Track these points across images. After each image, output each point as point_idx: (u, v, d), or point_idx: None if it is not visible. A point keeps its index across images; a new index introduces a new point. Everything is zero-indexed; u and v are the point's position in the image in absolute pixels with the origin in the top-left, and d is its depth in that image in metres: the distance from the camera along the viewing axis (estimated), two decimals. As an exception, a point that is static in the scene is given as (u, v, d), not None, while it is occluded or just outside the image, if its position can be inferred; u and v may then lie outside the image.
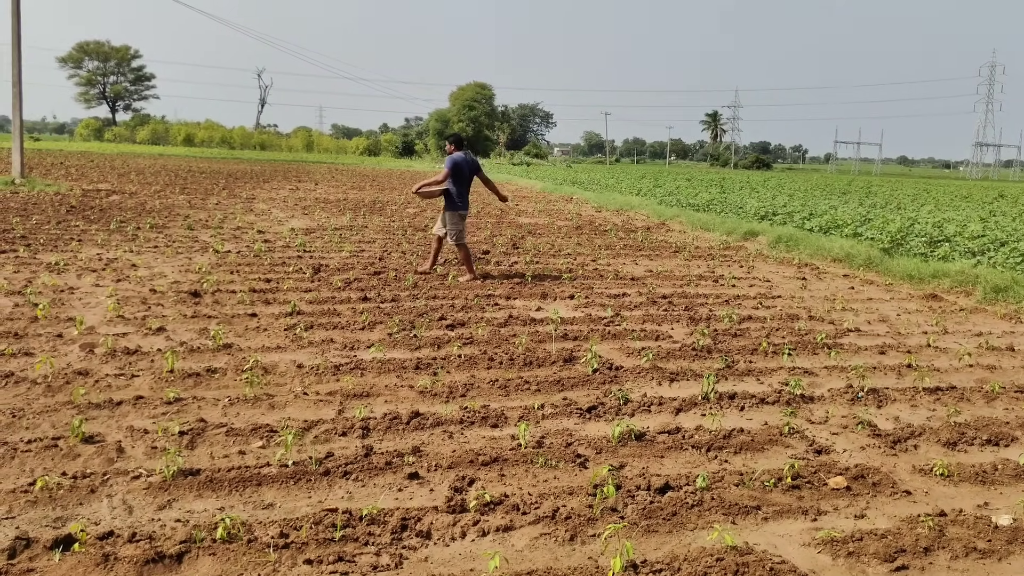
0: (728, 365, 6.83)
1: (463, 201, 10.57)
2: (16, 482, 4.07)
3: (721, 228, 17.95)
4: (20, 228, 13.40)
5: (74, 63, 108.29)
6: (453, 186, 10.41)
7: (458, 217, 10.51)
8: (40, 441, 4.57)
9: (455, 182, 10.41)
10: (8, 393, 5.37)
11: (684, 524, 3.92)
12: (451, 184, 10.40)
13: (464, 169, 10.50)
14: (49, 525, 3.68)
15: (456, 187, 10.43)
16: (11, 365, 5.96)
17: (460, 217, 10.54)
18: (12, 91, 22.43)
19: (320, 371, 6.15)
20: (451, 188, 10.42)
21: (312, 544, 3.57)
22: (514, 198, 28.09)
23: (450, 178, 10.38)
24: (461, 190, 10.49)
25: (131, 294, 8.66)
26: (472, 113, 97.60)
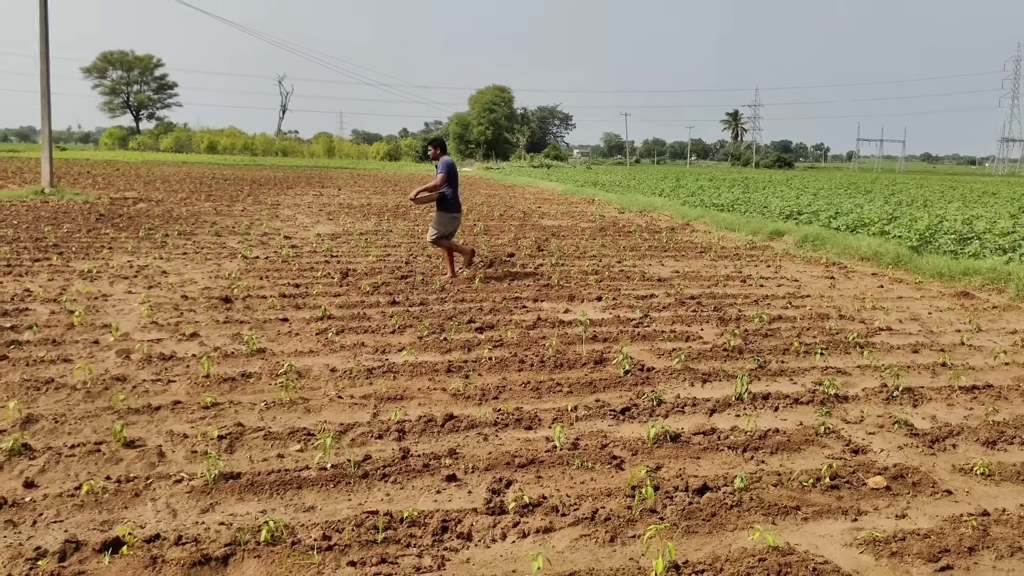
0: (760, 365, 6.80)
1: (456, 202, 10.73)
2: (62, 486, 4.14)
3: (746, 228, 17.86)
4: (52, 236, 13.60)
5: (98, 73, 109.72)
6: (448, 188, 10.60)
7: (451, 219, 10.67)
8: (83, 446, 4.64)
9: (449, 184, 10.60)
10: (50, 399, 5.45)
11: (724, 525, 3.91)
12: (446, 187, 10.58)
13: (455, 171, 10.71)
14: (96, 528, 3.74)
15: (450, 189, 10.61)
16: (51, 371, 6.06)
17: (453, 219, 10.70)
18: (40, 102, 22.75)
19: (353, 375, 6.19)
20: (446, 191, 10.61)
21: (355, 546, 3.60)
22: (536, 200, 28.12)
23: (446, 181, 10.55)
24: (454, 192, 10.67)
25: (163, 300, 8.76)
26: (492, 116, 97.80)
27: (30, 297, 8.65)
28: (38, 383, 5.71)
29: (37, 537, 3.64)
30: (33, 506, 3.91)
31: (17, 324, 7.41)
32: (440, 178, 10.44)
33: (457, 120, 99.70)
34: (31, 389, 5.60)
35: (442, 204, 10.62)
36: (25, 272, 10.21)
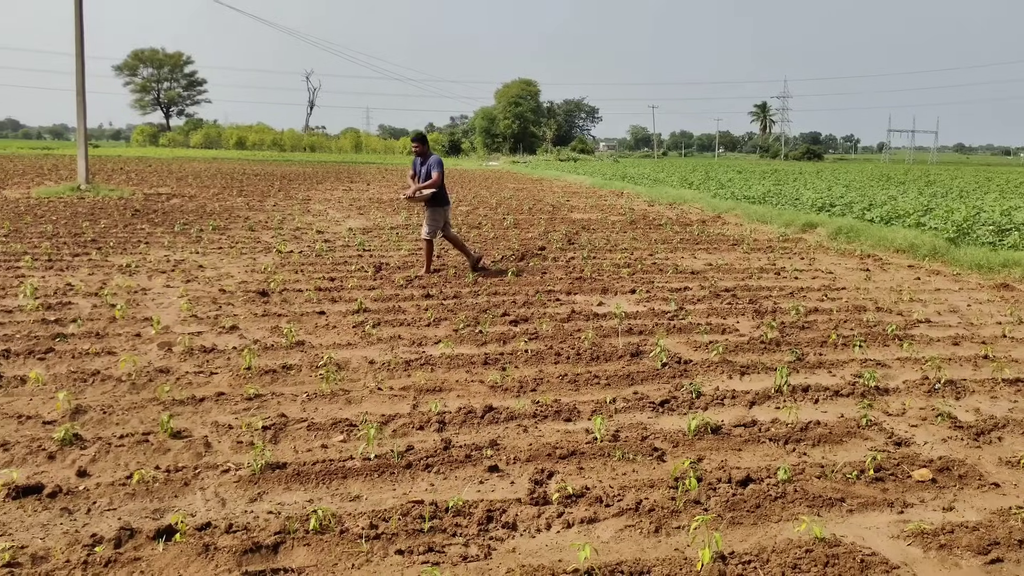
0: (798, 358, 6.76)
1: (445, 196, 10.70)
2: (114, 475, 4.22)
3: (778, 220, 17.72)
4: (90, 232, 13.81)
5: (129, 71, 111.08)
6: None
7: (442, 212, 10.60)
8: (132, 436, 4.72)
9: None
10: (97, 391, 5.56)
11: (769, 516, 3.90)
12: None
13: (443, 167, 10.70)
14: (149, 516, 3.81)
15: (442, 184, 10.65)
16: (96, 364, 6.17)
17: (443, 212, 10.63)
18: (76, 100, 23.07)
19: (391, 367, 6.24)
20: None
21: (402, 535, 3.64)
22: (564, 194, 28.08)
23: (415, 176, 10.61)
24: (444, 185, 10.67)
25: (201, 294, 8.88)
26: (518, 110, 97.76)
27: (72, 291, 8.80)
28: (85, 375, 5.82)
29: (92, 524, 3.72)
30: (87, 494, 3.99)
31: (61, 317, 7.55)
32: (436, 176, 10.40)
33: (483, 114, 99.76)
34: (78, 381, 5.71)
35: (436, 200, 10.53)
36: (66, 267, 10.39)
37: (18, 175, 30.19)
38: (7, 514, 3.78)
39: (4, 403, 5.26)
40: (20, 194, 21.61)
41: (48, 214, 16.57)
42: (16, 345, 6.55)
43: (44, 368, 6.00)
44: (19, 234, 13.33)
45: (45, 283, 9.21)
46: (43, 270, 10.11)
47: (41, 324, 7.28)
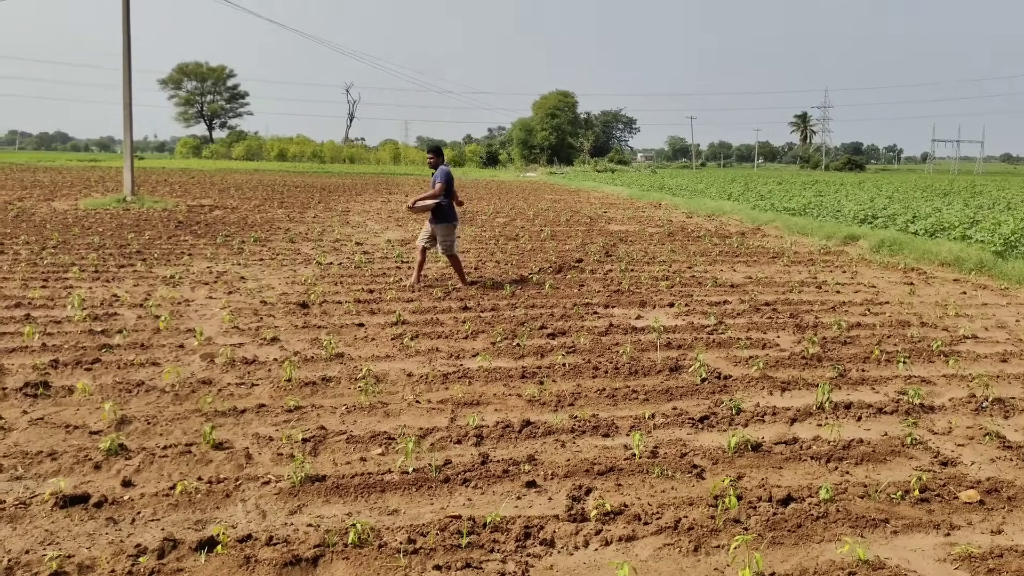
0: (840, 374, 6.66)
1: (452, 211, 10.54)
2: (157, 486, 4.29)
3: (819, 232, 17.50)
4: (135, 243, 14.09)
5: (174, 84, 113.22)
6: (444, 198, 10.40)
7: (450, 228, 10.46)
8: (175, 447, 4.80)
9: (446, 194, 10.40)
10: (141, 401, 5.66)
11: (810, 536, 3.84)
12: (442, 196, 10.36)
13: (452, 179, 10.51)
14: (191, 527, 3.87)
15: (446, 199, 10.42)
16: (141, 374, 6.28)
17: (451, 228, 10.48)
18: (123, 113, 23.59)
19: (429, 379, 6.27)
20: (442, 201, 10.38)
21: (439, 550, 3.65)
22: (602, 205, 28.03)
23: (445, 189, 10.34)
24: (450, 201, 10.52)
25: (243, 306, 9.01)
26: (555, 121, 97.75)
27: (118, 302, 8.98)
28: (130, 385, 5.93)
29: (136, 534, 3.78)
30: (131, 504, 4.06)
31: (108, 328, 7.71)
32: (439, 187, 10.26)
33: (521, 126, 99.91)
34: (124, 391, 5.82)
35: (438, 215, 10.36)
36: (112, 278, 10.61)
37: (67, 187, 30.92)
38: (55, 523, 3.86)
39: (53, 413, 5.38)
40: (68, 206, 22.13)
41: (95, 225, 16.94)
42: (64, 355, 6.69)
43: (91, 378, 6.13)
44: (67, 245, 13.64)
45: (92, 294, 9.42)
46: (90, 281, 10.33)
47: (88, 335, 7.44)
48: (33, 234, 15.04)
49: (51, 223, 17.15)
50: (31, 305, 8.68)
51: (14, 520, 3.88)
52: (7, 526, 3.82)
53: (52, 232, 15.36)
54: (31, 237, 14.55)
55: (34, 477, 4.38)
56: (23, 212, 19.54)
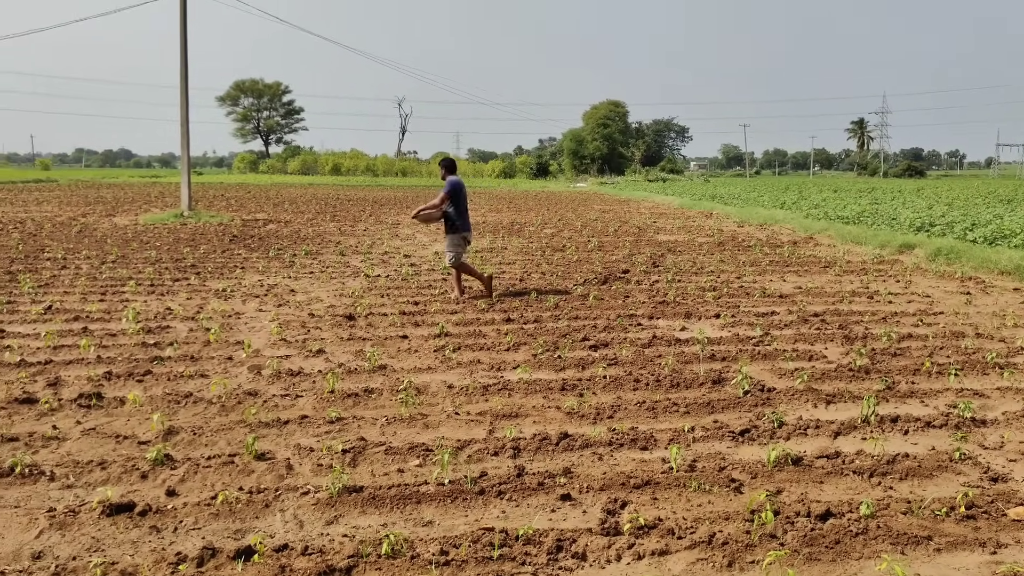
0: (888, 386, 6.51)
1: (463, 222, 10.67)
2: (200, 495, 4.40)
3: (873, 241, 17.14)
4: (190, 257, 14.47)
5: (231, 101, 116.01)
6: (452, 208, 10.57)
7: (460, 239, 10.63)
8: (218, 457, 4.92)
9: (454, 204, 10.58)
10: (188, 412, 5.81)
11: (849, 553, 3.76)
12: (450, 207, 10.56)
13: (463, 192, 10.68)
14: (231, 536, 3.96)
15: (456, 209, 10.59)
16: (189, 386, 6.45)
17: (462, 239, 10.65)
18: (180, 131, 24.28)
19: (469, 391, 6.31)
20: (450, 211, 10.58)
21: (471, 562, 3.67)
22: (651, 215, 27.86)
23: (449, 201, 10.56)
24: (459, 212, 10.63)
25: (291, 318, 9.18)
26: (606, 131, 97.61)
27: (171, 315, 9.23)
28: (178, 397, 6.10)
29: (178, 542, 3.88)
30: (174, 513, 4.17)
31: (160, 341, 7.92)
32: (441, 197, 10.53)
33: (571, 136, 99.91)
34: (172, 403, 5.98)
35: (449, 226, 10.63)
36: (166, 292, 10.90)
37: (128, 203, 31.88)
38: (101, 530, 3.99)
39: (104, 423, 5.55)
40: (128, 221, 22.81)
41: (153, 240, 17.43)
42: (117, 368, 6.90)
43: (142, 390, 6.31)
44: (125, 260, 14.06)
45: (147, 307, 9.69)
46: (145, 295, 10.63)
47: (141, 347, 7.66)
48: (94, 249, 15.54)
49: (111, 238, 17.69)
50: (88, 318, 8.97)
51: (63, 527, 4.01)
52: (56, 533, 3.96)
53: (112, 247, 15.85)
54: (92, 252, 15.04)
55: (84, 486, 4.53)
56: (86, 228, 20.20)
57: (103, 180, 64.75)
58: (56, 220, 22.50)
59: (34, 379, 6.54)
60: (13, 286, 11.09)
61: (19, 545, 3.84)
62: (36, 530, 3.99)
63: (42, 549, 3.80)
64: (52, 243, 16.48)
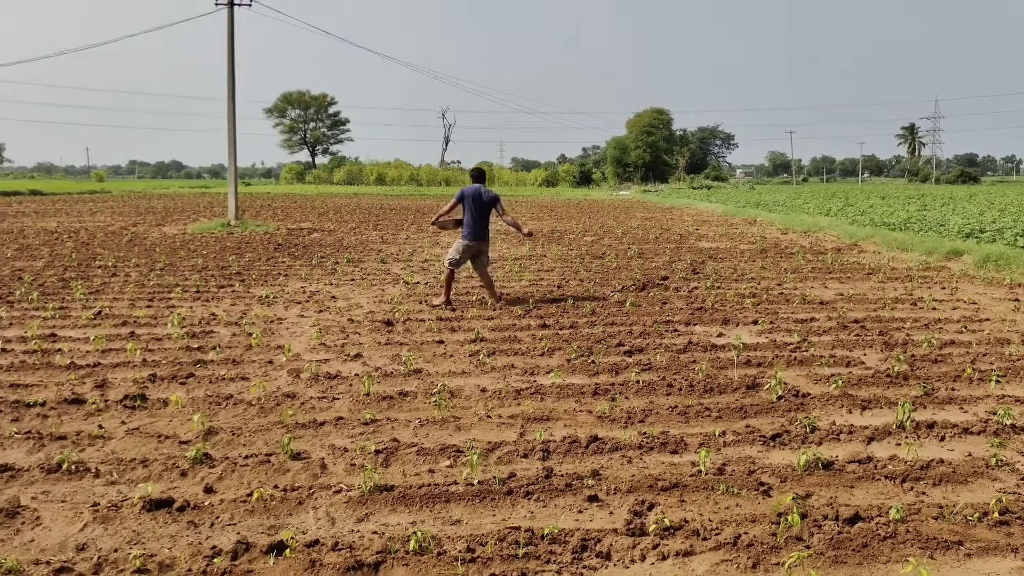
0: (927, 392, 6.42)
1: (469, 231, 10.71)
2: (236, 492, 4.53)
3: (920, 248, 16.85)
4: (235, 265, 14.79)
5: (279, 113, 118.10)
6: (464, 216, 10.75)
7: (463, 246, 10.71)
8: (255, 457, 5.05)
9: (464, 212, 10.71)
10: (228, 413, 5.97)
11: (876, 556, 3.74)
12: (465, 215, 10.71)
13: (470, 199, 10.70)
14: (264, 532, 4.07)
15: (465, 217, 10.73)
16: (230, 388, 6.62)
17: (465, 247, 10.70)
18: (228, 142, 24.84)
19: (502, 395, 6.38)
20: (463, 218, 10.77)
21: (496, 560, 3.73)
22: (694, 223, 27.69)
23: (460, 207, 10.74)
24: (469, 219, 10.71)
25: (331, 324, 9.35)
26: (650, 139, 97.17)
27: (215, 320, 9.46)
28: (219, 399, 6.26)
29: (214, 537, 4.01)
30: (211, 509, 4.30)
31: (203, 345, 8.13)
32: (450, 204, 10.79)
33: (615, 144, 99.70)
34: (213, 404, 6.15)
35: (462, 231, 10.81)
36: (211, 298, 11.18)
37: (177, 212, 32.65)
38: (141, 524, 4.13)
39: (148, 423, 5.74)
40: (177, 230, 23.36)
41: (200, 248, 17.85)
42: (162, 370, 7.11)
43: (184, 392, 6.49)
44: (173, 268, 14.43)
45: (192, 313, 9.95)
46: (191, 301, 10.91)
47: (185, 351, 7.87)
48: (143, 257, 15.97)
49: (160, 247, 18.15)
50: (136, 323, 9.24)
51: (106, 521, 4.17)
52: (99, 526, 4.12)
53: (160, 255, 16.26)
54: (141, 260, 15.45)
55: (127, 482, 4.69)
56: (136, 237, 20.75)
57: (154, 191, 66.34)
58: (108, 229, 23.15)
59: (83, 381, 6.77)
60: (66, 292, 11.46)
61: (65, 537, 4.01)
62: (81, 523, 4.15)
63: (86, 541, 3.96)
64: (104, 252, 16.97)
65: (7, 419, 5.77)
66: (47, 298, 10.95)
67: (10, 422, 5.71)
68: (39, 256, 16.09)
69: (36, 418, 5.81)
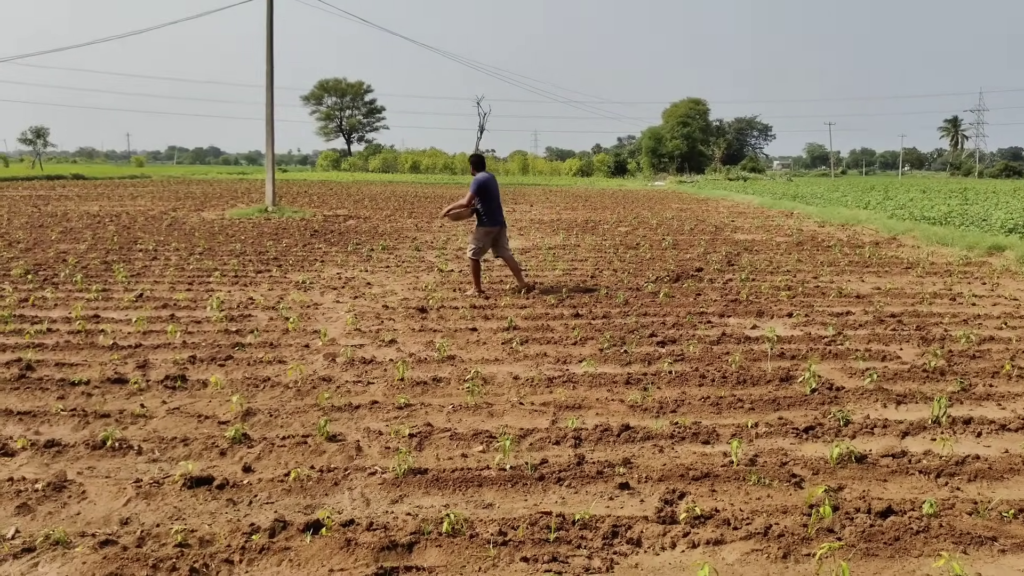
0: (964, 388, 6.35)
1: (490, 218, 10.76)
2: (274, 472, 4.64)
3: (961, 243, 16.57)
4: (273, 251, 14.98)
5: (315, 100, 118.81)
6: (481, 205, 10.69)
7: (483, 233, 10.75)
8: (292, 438, 5.15)
9: (482, 201, 10.68)
10: (266, 395, 6.08)
11: (908, 550, 3.73)
12: (479, 203, 10.67)
13: (490, 188, 10.74)
14: (301, 511, 4.17)
15: (484, 205, 10.70)
16: (268, 371, 6.74)
17: (486, 233, 10.76)
18: (265, 129, 25.10)
19: (535, 383, 6.42)
20: (480, 207, 10.70)
21: (528, 543, 3.78)
22: (729, 214, 27.46)
23: (477, 198, 10.65)
24: (488, 207, 10.72)
25: (366, 310, 9.46)
26: (686, 130, 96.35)
27: (253, 304, 9.62)
28: (257, 381, 6.39)
29: (252, 515, 4.11)
30: (249, 488, 4.41)
31: (241, 328, 8.28)
32: (468, 197, 10.68)
33: (650, 134, 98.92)
34: (251, 386, 6.27)
35: (478, 220, 10.81)
36: (249, 282, 11.35)
37: (216, 198, 33.10)
38: (183, 501, 4.25)
39: (187, 403, 5.87)
40: (216, 215, 23.69)
41: (238, 234, 18.10)
42: (201, 352, 7.26)
43: (223, 373, 6.62)
44: (212, 252, 14.66)
45: (230, 297, 10.12)
46: (229, 285, 11.09)
47: (224, 334, 8.02)
48: (183, 241, 16.24)
49: (199, 231, 18.44)
50: (176, 306, 9.43)
51: (148, 497, 4.29)
52: (142, 501, 4.24)
53: (199, 240, 16.52)
54: (181, 244, 15.72)
55: (168, 460, 4.82)
56: (176, 221, 21.09)
57: (193, 176, 67.27)
58: (148, 214, 23.55)
59: (125, 361, 6.94)
60: (108, 275, 11.71)
61: (109, 511, 4.13)
62: (124, 498, 4.27)
63: (129, 516, 4.08)
64: (144, 235, 17.28)
65: (53, 396, 5.95)
66: (90, 280, 11.21)
67: (56, 399, 5.88)
68: (82, 239, 16.44)
69: (81, 396, 5.97)
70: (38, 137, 78.15)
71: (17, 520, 4.03)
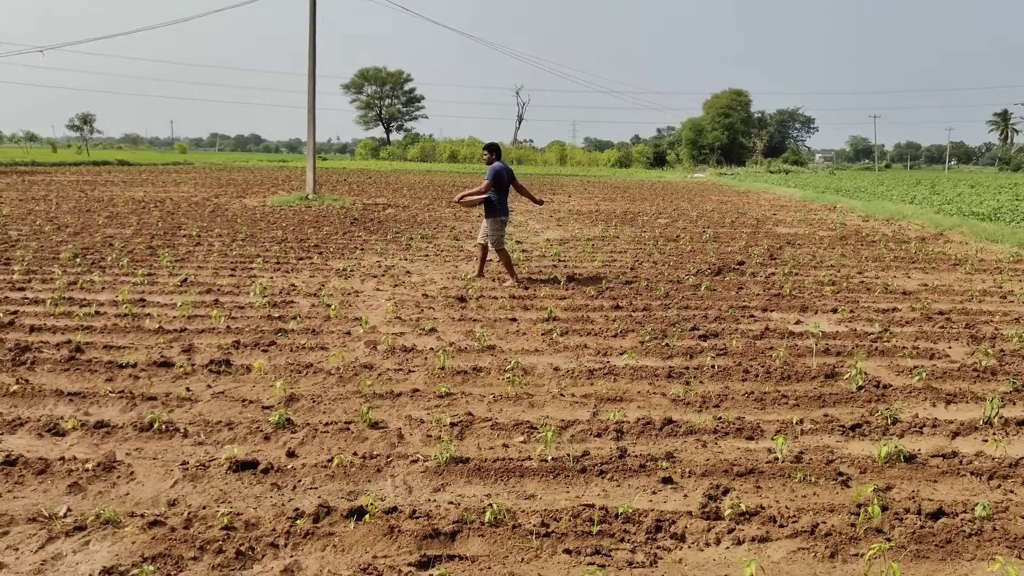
0: (1016, 388, 6.20)
1: (503, 208, 10.77)
2: (317, 458, 4.67)
3: (1011, 239, 16.17)
4: (314, 238, 15.11)
5: (355, 89, 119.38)
6: (495, 194, 10.66)
7: (499, 223, 10.75)
8: (335, 424, 5.19)
9: (496, 190, 10.66)
10: (308, 382, 6.13)
11: (960, 553, 3.65)
12: (492, 192, 10.63)
13: (504, 177, 10.74)
14: (344, 497, 4.19)
15: (497, 195, 10.69)
16: (310, 358, 6.79)
17: (501, 223, 10.77)
18: (307, 117, 25.28)
19: (575, 375, 6.39)
20: (492, 196, 10.67)
21: (571, 535, 3.77)
22: (771, 207, 27.11)
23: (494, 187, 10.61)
24: (501, 197, 10.74)
25: (406, 298, 9.49)
26: (727, 121, 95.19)
27: (295, 291, 9.71)
28: (300, 367, 6.44)
29: (296, 500, 4.15)
30: (293, 473, 4.44)
31: (284, 315, 8.36)
32: (487, 184, 10.61)
33: (691, 125, 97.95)
34: (294, 372, 6.32)
35: (489, 210, 10.75)
36: (291, 269, 11.46)
37: (257, 185, 33.47)
38: (228, 484, 4.30)
39: (232, 388, 5.94)
40: (257, 202, 23.95)
41: (279, 221, 18.27)
42: (245, 338, 7.34)
43: (266, 359, 6.69)
44: (254, 239, 14.82)
45: (273, 283, 10.22)
46: (272, 271, 11.21)
47: (267, 320, 8.10)
48: (226, 228, 16.44)
49: (241, 218, 18.65)
50: (220, 291, 9.55)
51: (195, 479, 4.35)
52: (188, 484, 4.30)
53: (242, 226, 16.72)
54: (224, 231, 15.91)
55: (213, 443, 4.88)
56: (218, 208, 21.36)
57: (234, 164, 68.08)
58: (192, 200, 23.88)
59: (171, 345, 7.04)
60: (153, 260, 11.89)
61: (157, 492, 4.20)
62: (171, 480, 4.34)
63: (176, 497, 4.14)
64: (188, 221, 17.53)
65: (102, 378, 6.05)
66: (136, 264, 11.39)
67: (104, 381, 5.98)
68: (128, 224, 16.73)
69: (128, 378, 6.07)
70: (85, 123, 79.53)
71: (69, 499, 4.10)
